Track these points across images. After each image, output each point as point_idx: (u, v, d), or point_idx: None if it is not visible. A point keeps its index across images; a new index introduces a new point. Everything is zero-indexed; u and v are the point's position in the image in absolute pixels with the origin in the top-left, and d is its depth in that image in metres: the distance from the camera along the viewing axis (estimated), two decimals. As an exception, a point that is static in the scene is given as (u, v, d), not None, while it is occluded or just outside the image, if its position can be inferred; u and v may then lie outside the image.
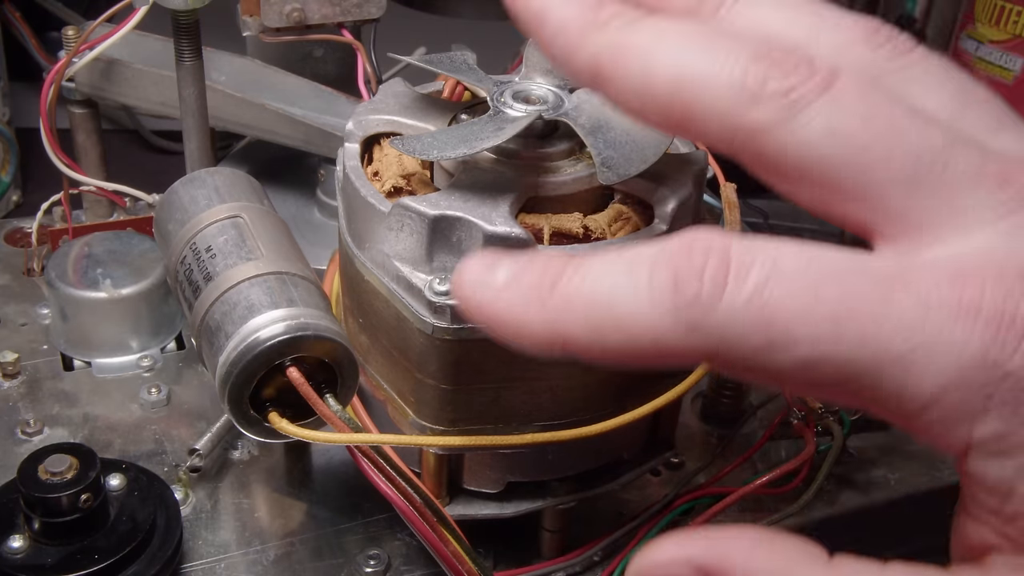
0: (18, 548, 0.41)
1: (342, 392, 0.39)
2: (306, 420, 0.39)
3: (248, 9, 0.56)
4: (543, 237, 0.38)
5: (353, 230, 0.41)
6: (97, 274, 0.54)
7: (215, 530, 0.47)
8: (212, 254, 0.41)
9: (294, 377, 0.38)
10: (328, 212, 0.64)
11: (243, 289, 0.39)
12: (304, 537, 0.47)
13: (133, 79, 0.59)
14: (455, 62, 0.43)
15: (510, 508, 0.43)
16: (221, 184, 0.46)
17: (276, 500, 0.48)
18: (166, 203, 0.46)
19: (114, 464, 0.44)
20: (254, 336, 0.37)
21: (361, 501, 0.48)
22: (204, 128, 0.56)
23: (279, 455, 0.51)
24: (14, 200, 0.76)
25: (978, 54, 0.91)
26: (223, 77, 0.61)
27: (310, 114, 0.60)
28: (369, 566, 0.45)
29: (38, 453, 0.41)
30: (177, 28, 0.53)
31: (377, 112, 0.43)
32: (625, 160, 0.37)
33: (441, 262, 0.38)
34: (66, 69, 0.57)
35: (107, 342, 0.55)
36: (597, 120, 0.39)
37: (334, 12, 0.58)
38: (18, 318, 0.58)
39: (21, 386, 0.53)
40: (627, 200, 0.41)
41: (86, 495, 0.41)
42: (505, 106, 0.40)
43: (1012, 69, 0.88)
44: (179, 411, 0.53)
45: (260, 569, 0.45)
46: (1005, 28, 0.88)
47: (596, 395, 0.41)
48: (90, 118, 0.62)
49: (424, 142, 0.38)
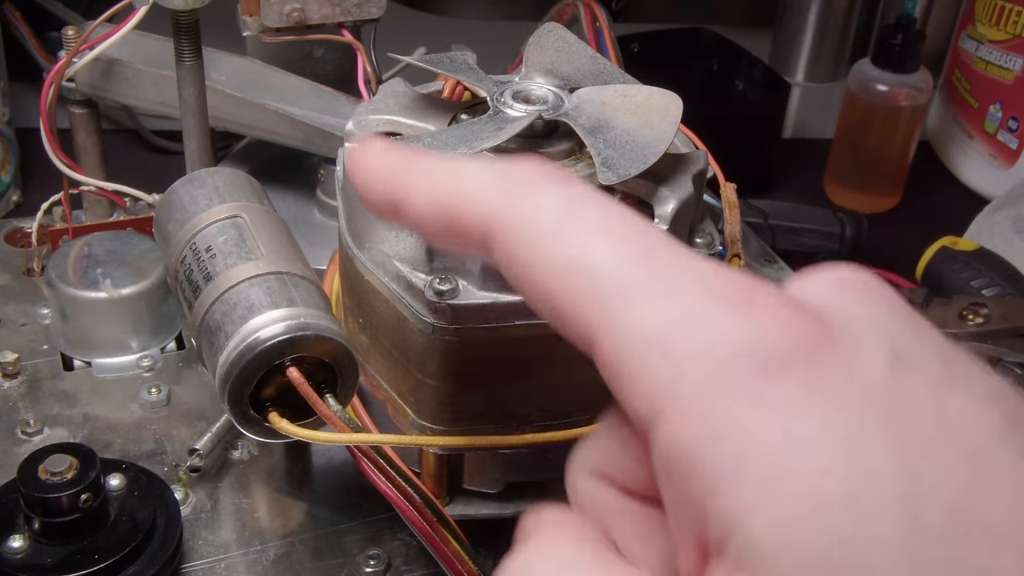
0: (18, 548, 0.41)
1: (342, 392, 0.39)
2: (306, 420, 0.39)
3: (248, 9, 0.56)
4: (543, 237, 0.38)
5: (353, 230, 0.41)
6: (97, 274, 0.54)
7: (215, 530, 0.47)
8: (212, 254, 0.41)
9: (294, 377, 0.38)
10: (328, 212, 0.64)
11: (243, 289, 0.39)
12: (304, 537, 0.47)
13: (133, 79, 0.59)
14: (455, 62, 0.43)
15: (510, 508, 0.43)
16: (221, 184, 0.46)
17: (276, 500, 0.48)
18: (166, 203, 0.46)
19: (114, 464, 0.44)
20: (254, 336, 0.37)
21: (361, 501, 0.48)
22: (204, 128, 0.56)
23: (279, 455, 0.51)
24: (14, 200, 0.76)
25: (978, 54, 0.91)
26: (223, 77, 0.61)
27: (310, 114, 0.60)
28: (369, 566, 0.45)
29: (38, 453, 0.41)
30: (177, 28, 0.53)
31: (377, 112, 0.43)
32: (625, 160, 0.37)
33: (441, 262, 0.38)
34: (66, 69, 0.57)
35: (107, 342, 0.55)
36: (597, 120, 0.39)
37: (334, 12, 0.58)
38: (18, 318, 0.58)
39: (21, 386, 0.53)
40: (627, 200, 0.41)
41: (86, 495, 0.41)
42: (505, 106, 0.40)
43: (1012, 69, 0.88)
44: (179, 411, 0.53)
45: (260, 569, 0.45)
46: (1005, 28, 0.88)
47: (595, 395, 0.40)
48: (90, 118, 0.61)
49: (424, 142, 0.38)
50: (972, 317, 0.68)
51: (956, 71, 0.95)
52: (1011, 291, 0.72)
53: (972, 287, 0.73)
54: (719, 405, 0.22)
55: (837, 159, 0.91)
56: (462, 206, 0.26)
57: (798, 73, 1.05)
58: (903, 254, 0.79)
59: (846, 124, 0.90)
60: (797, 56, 1.04)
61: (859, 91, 0.87)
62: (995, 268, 0.74)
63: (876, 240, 0.80)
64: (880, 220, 0.86)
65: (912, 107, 0.86)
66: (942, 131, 0.97)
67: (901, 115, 0.86)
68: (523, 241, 0.25)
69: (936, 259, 0.76)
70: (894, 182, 0.90)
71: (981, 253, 0.75)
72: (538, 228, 0.25)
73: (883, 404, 0.21)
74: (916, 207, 0.91)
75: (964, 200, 0.92)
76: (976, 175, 0.93)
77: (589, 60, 0.44)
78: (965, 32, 0.93)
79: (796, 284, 0.25)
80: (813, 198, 0.89)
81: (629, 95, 0.40)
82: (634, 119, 0.39)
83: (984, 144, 0.92)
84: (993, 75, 0.90)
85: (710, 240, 0.41)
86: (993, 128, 0.91)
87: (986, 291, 0.72)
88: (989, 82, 0.90)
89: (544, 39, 0.44)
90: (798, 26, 1.03)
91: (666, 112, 0.40)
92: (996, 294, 0.72)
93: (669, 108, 0.40)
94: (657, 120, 0.39)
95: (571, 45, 0.44)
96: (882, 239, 0.82)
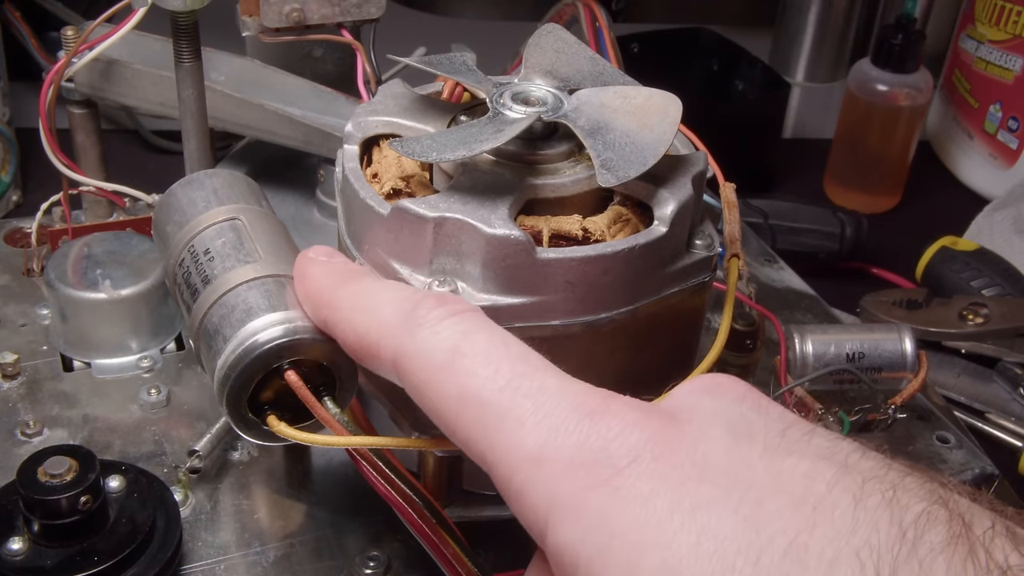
0: (17, 550, 0.41)
1: (340, 395, 0.39)
2: (305, 423, 0.39)
3: (247, 9, 0.56)
4: (542, 239, 0.38)
5: (352, 232, 0.41)
6: (96, 275, 0.54)
7: (215, 531, 0.47)
8: (210, 257, 0.41)
9: (292, 380, 0.38)
10: (327, 213, 0.64)
11: (241, 292, 0.39)
12: (304, 538, 0.47)
13: (132, 79, 0.59)
14: (454, 63, 0.43)
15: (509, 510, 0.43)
16: (219, 186, 0.46)
17: (276, 501, 0.48)
18: (164, 205, 0.46)
19: (114, 466, 0.44)
20: (252, 339, 0.37)
21: (361, 502, 0.48)
22: (203, 129, 0.56)
23: (279, 456, 0.51)
24: (14, 200, 0.76)
25: (978, 54, 0.91)
26: (222, 77, 0.61)
27: (310, 114, 0.60)
28: (368, 567, 0.45)
29: (38, 455, 0.41)
30: (176, 29, 0.53)
31: (376, 113, 0.43)
32: (624, 162, 0.37)
33: (440, 264, 0.38)
34: (65, 69, 0.57)
35: (107, 343, 0.55)
36: (596, 122, 0.39)
37: (334, 12, 0.57)
38: (18, 318, 0.58)
39: (21, 387, 0.53)
40: (626, 202, 0.41)
41: (85, 497, 0.41)
42: (504, 108, 0.40)
43: (1012, 69, 0.88)
44: (179, 412, 0.53)
45: (260, 570, 0.45)
46: (1005, 28, 0.88)
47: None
48: (89, 118, 0.61)
49: (423, 144, 0.38)
50: (972, 317, 0.68)
51: (956, 71, 0.95)
52: (1011, 291, 0.72)
53: (972, 287, 0.73)
54: (587, 505, 0.25)
55: (837, 159, 0.91)
56: (374, 337, 0.31)
57: (798, 73, 1.05)
58: (903, 254, 0.79)
59: (846, 124, 0.89)
60: (797, 56, 1.04)
61: (859, 91, 0.87)
62: (995, 268, 0.74)
63: (876, 240, 0.80)
64: (880, 220, 0.86)
65: (912, 107, 0.86)
66: (942, 131, 0.97)
67: (901, 115, 0.86)
68: (422, 374, 0.29)
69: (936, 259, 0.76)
70: (894, 182, 0.90)
71: (981, 253, 0.75)
72: (433, 362, 0.29)
73: (723, 475, 0.25)
74: (916, 207, 0.91)
75: (964, 200, 0.92)
76: (976, 175, 0.93)
77: (588, 61, 0.43)
78: (965, 32, 0.93)
79: (664, 396, 0.29)
80: (813, 198, 0.89)
81: (629, 97, 0.40)
82: (633, 121, 0.39)
83: (984, 144, 0.92)
84: (993, 75, 0.90)
85: (709, 241, 0.41)
86: (993, 128, 0.91)
87: (986, 291, 0.72)
88: (989, 82, 0.90)
89: (543, 40, 0.44)
90: (798, 26, 1.03)
91: (665, 114, 0.40)
92: (996, 294, 0.72)
93: (668, 110, 0.40)
94: (656, 122, 0.39)
95: (570, 46, 0.44)
96: (882, 239, 0.82)
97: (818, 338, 0.54)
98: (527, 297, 0.37)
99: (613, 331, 0.39)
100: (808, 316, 0.65)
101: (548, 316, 0.38)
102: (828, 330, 0.55)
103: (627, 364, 0.41)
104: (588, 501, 0.25)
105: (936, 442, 0.55)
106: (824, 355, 0.53)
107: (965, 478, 0.53)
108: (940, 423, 0.56)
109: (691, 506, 0.24)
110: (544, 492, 0.26)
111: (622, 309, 0.39)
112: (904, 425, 0.55)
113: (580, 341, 0.38)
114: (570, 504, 0.25)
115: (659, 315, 0.40)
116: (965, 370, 0.68)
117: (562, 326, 0.38)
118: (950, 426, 0.56)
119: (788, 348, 0.54)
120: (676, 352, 0.44)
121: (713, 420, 0.27)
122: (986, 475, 0.54)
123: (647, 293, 0.39)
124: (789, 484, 0.24)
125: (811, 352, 0.53)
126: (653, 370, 0.42)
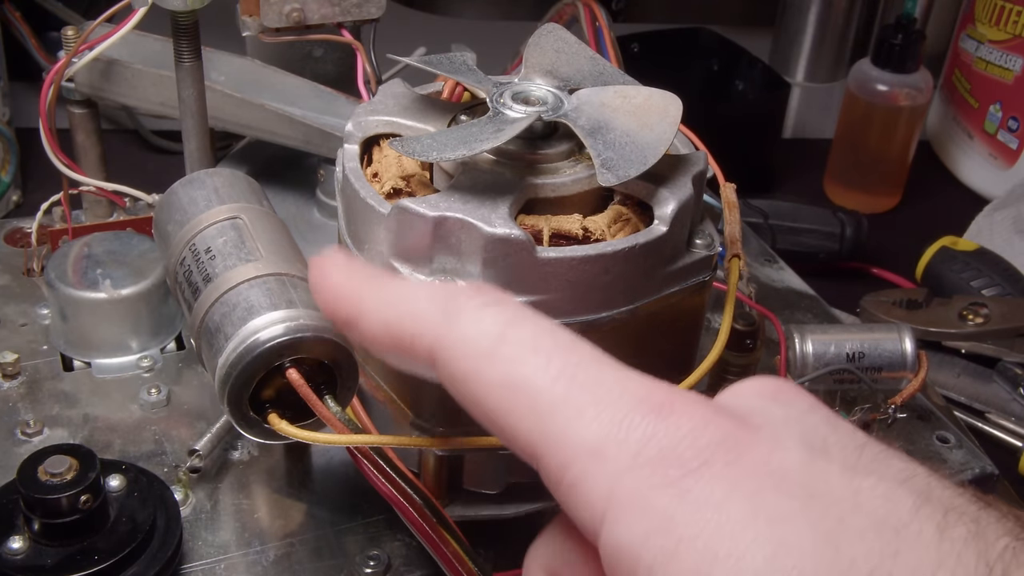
0: (18, 549, 0.41)
1: (341, 393, 0.39)
2: (306, 421, 0.39)
3: (248, 9, 0.56)
4: (542, 238, 0.38)
5: (352, 231, 0.41)
6: (97, 274, 0.54)
7: (215, 531, 0.47)
8: (211, 255, 0.41)
9: (293, 379, 0.38)
10: (327, 212, 0.64)
11: (242, 291, 0.39)
12: (304, 538, 0.47)
13: (133, 79, 0.59)
14: (454, 63, 0.43)
15: (510, 508, 0.43)
16: (220, 185, 0.46)
17: (276, 501, 0.48)
18: (165, 204, 0.46)
19: (114, 465, 0.44)
20: (253, 338, 0.37)
21: (361, 502, 0.48)
22: (204, 129, 0.56)
23: (279, 456, 0.51)
24: (14, 200, 0.76)
25: (978, 54, 0.91)
26: (223, 77, 0.61)
27: (310, 114, 0.60)
28: (369, 567, 0.45)
29: (38, 454, 0.41)
30: (176, 29, 0.53)
31: (376, 113, 0.43)
32: (625, 161, 0.37)
33: (441, 264, 0.38)
34: (66, 69, 0.57)
35: (107, 342, 0.55)
36: (597, 121, 0.39)
37: (334, 12, 0.58)
38: (18, 318, 0.58)
39: (21, 387, 0.53)
40: (627, 201, 0.41)
41: (86, 496, 0.41)
42: (504, 107, 0.40)
43: (1012, 69, 0.88)
44: (179, 412, 0.53)
45: (260, 570, 0.45)
46: (1005, 28, 0.88)
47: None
48: (90, 118, 0.61)
49: (423, 143, 0.38)
50: (972, 317, 0.68)
51: (956, 71, 0.95)
52: (1011, 291, 0.72)
53: (972, 287, 0.73)
54: (652, 505, 0.24)
55: (837, 159, 0.91)
56: (408, 329, 0.29)
57: (798, 73, 1.05)
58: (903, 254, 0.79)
59: (846, 124, 0.90)
60: (797, 56, 1.04)
61: (859, 91, 0.87)
62: (995, 268, 0.74)
63: (876, 240, 0.80)
64: (880, 220, 0.86)
65: (912, 107, 0.86)
66: (942, 131, 0.97)
67: (901, 115, 0.86)
68: (463, 362, 0.27)
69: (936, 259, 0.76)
70: (894, 182, 0.90)
71: (981, 253, 0.75)
72: (476, 349, 0.27)
73: (800, 487, 0.24)
74: (916, 207, 0.91)
75: (964, 200, 0.92)
76: (976, 175, 0.93)
77: (589, 61, 0.44)
78: (965, 32, 0.93)
79: (725, 392, 0.28)
80: (813, 198, 0.89)
81: (629, 96, 0.40)
82: (634, 120, 0.39)
83: (984, 144, 0.92)
84: (993, 75, 0.90)
85: (709, 241, 0.41)
86: (993, 128, 0.91)
87: (986, 291, 0.72)
88: (989, 82, 0.90)
89: (544, 40, 0.44)
90: (798, 26, 1.03)
91: (665, 113, 0.40)
92: (996, 294, 0.72)
93: (668, 109, 0.40)
94: (657, 121, 0.39)
95: (571, 46, 0.44)
96: (882, 239, 0.82)
97: (818, 338, 0.54)
98: (527, 296, 0.37)
99: (613, 330, 0.39)
100: (808, 316, 0.65)
101: (548, 315, 0.38)
102: (828, 330, 0.55)
103: (627, 363, 0.41)
104: (653, 500, 0.24)
105: (936, 442, 0.55)
106: (824, 355, 0.53)
107: (965, 478, 0.53)
108: (940, 423, 0.56)
109: (768, 518, 0.23)
110: (603, 486, 0.25)
111: (622, 308, 0.39)
112: (904, 425, 0.55)
113: (580, 340, 0.38)
114: (633, 502, 0.24)
115: (659, 314, 0.40)
116: (965, 370, 0.68)
117: (562, 325, 0.38)
118: (950, 426, 0.56)
119: (788, 348, 0.54)
120: (676, 352, 0.44)
121: (786, 429, 0.26)
122: (986, 475, 0.54)
123: (647, 292, 0.39)
124: (869, 505, 0.23)
125: (811, 352, 0.53)
126: (653, 370, 0.42)
